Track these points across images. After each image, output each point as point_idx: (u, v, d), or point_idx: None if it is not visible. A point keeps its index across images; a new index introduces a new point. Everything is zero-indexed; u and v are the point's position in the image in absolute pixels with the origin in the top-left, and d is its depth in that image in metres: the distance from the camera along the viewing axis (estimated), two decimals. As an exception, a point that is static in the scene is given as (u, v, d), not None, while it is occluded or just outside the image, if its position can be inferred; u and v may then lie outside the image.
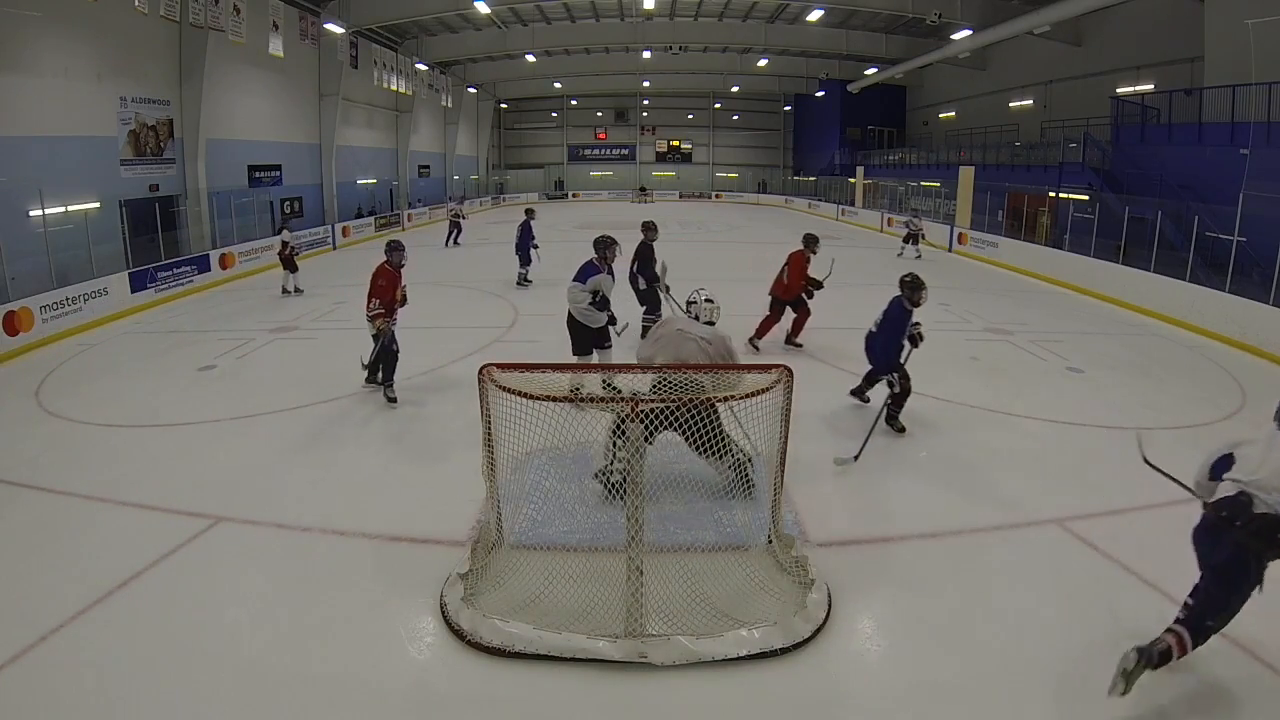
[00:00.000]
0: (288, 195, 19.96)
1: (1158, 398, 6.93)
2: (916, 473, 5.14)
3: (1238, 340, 9.02)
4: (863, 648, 3.33)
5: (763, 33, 26.34)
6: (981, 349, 8.65)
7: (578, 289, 6.23)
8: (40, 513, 4.56)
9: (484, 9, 20.42)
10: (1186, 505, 4.70)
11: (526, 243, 12.72)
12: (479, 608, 3.37)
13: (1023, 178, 18.69)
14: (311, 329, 9.60)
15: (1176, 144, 14.67)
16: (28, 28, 11.44)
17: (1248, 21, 12.63)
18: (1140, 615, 3.51)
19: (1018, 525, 4.38)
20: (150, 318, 10.79)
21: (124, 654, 3.20)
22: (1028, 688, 3.03)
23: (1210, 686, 3.05)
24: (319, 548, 4.11)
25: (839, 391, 6.58)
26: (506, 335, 9.19)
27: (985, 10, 19.66)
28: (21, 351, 8.61)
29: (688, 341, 4.46)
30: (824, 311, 8.79)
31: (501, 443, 3.57)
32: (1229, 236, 10.05)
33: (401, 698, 2.97)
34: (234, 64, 16.69)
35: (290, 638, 3.33)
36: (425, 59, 26.04)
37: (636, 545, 3.18)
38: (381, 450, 5.56)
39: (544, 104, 41.46)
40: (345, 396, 6.71)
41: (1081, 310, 11.36)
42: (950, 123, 28.57)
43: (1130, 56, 18.30)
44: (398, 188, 27.73)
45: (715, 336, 4.55)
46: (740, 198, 39.56)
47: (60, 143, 12.24)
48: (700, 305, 4.89)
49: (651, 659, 3.09)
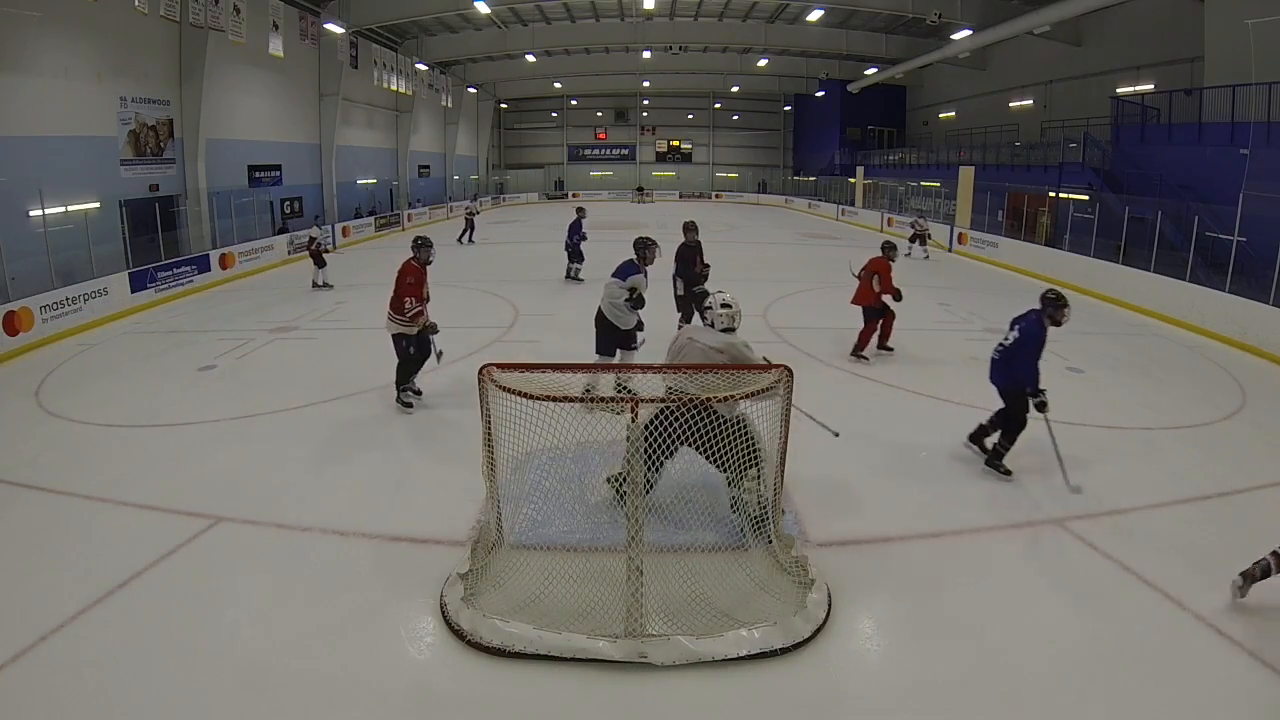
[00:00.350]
0: (288, 195, 19.96)
1: (1158, 398, 6.93)
2: (916, 473, 5.14)
3: (1238, 340, 9.02)
4: (863, 648, 3.33)
5: (763, 33, 26.34)
6: (981, 349, 8.57)
7: (616, 285, 6.13)
8: (40, 513, 4.56)
9: (484, 9, 20.42)
10: (1187, 505, 4.72)
11: (576, 239, 12.99)
12: (479, 608, 3.37)
13: (1023, 178, 18.69)
14: (311, 329, 9.60)
15: (1176, 144, 14.66)
16: (28, 28, 11.44)
17: (1248, 21, 12.62)
18: (1140, 615, 3.51)
19: (1018, 525, 4.39)
20: (150, 318, 10.79)
21: (124, 654, 3.20)
22: (1028, 688, 3.03)
23: (1211, 686, 3.05)
24: (319, 548, 4.11)
25: (840, 391, 6.58)
26: (506, 335, 9.19)
27: (985, 10, 19.66)
28: (21, 351, 8.61)
29: (694, 351, 4.22)
30: (827, 313, 8.78)
31: (501, 443, 3.57)
32: (1229, 236, 10.05)
33: (401, 698, 2.97)
34: (234, 64, 16.69)
35: (290, 638, 3.33)
36: (425, 59, 26.04)
37: (636, 545, 3.18)
38: (382, 450, 5.56)
39: (544, 104, 41.46)
40: (345, 396, 6.71)
41: (1081, 310, 11.24)
42: (950, 123, 28.57)
43: (1130, 56, 18.29)
44: (398, 188, 27.74)
45: (726, 345, 4.17)
46: (740, 198, 39.56)
47: (60, 143, 12.24)
48: (716, 312, 4.29)
49: (651, 659, 3.09)
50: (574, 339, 8.96)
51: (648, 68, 30.93)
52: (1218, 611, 3.47)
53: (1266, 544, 3.55)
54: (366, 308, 11.06)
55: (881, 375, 7.36)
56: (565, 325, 9.78)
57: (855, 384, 7.18)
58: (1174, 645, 3.29)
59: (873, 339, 7.99)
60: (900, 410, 6.46)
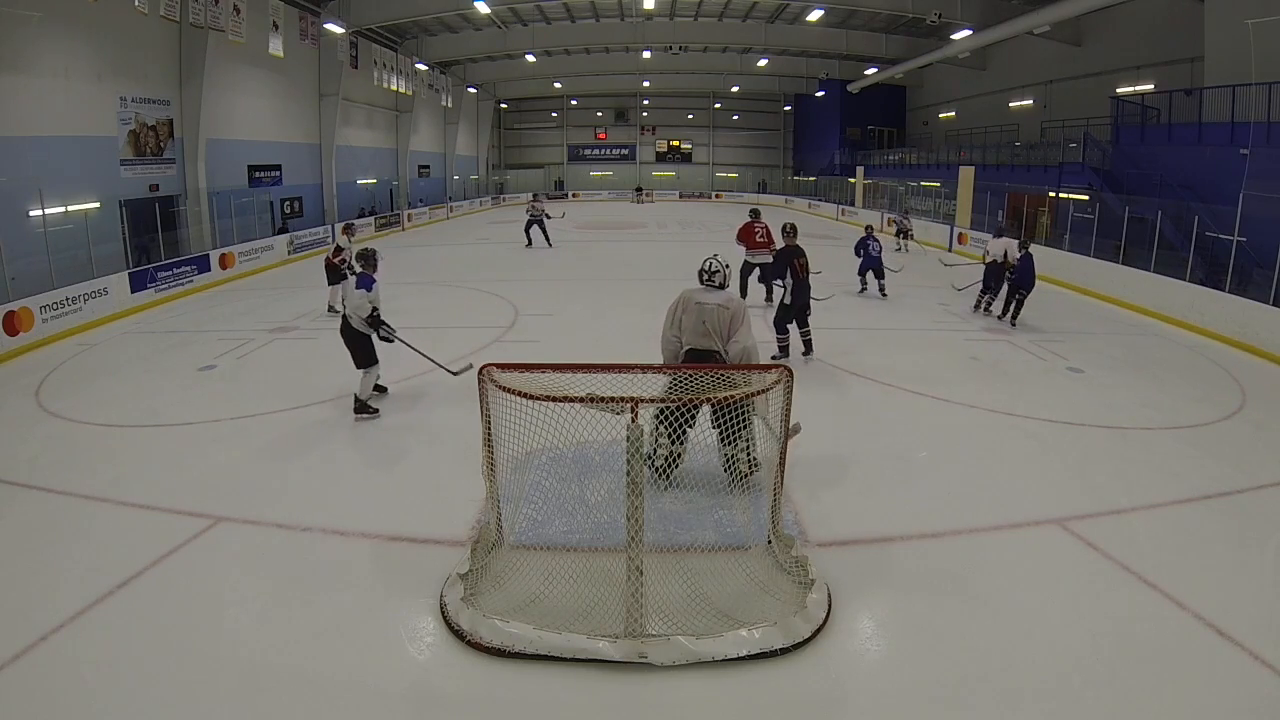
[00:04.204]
0: (288, 195, 19.96)
1: (1158, 398, 6.93)
2: (916, 473, 5.14)
3: (1238, 340, 9.02)
4: (863, 648, 3.33)
5: (763, 33, 26.33)
6: (981, 349, 8.65)
7: (361, 296, 6.06)
8: (40, 513, 4.56)
9: (484, 9, 20.42)
10: (1187, 505, 4.72)
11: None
12: (479, 608, 3.37)
13: (1023, 178, 18.69)
14: (311, 329, 9.59)
15: (1176, 144, 14.65)
16: (28, 28, 11.44)
17: (1248, 21, 12.62)
18: (1140, 615, 3.51)
19: (1018, 525, 4.38)
20: (150, 318, 10.78)
21: (124, 654, 3.20)
22: (1028, 688, 3.03)
23: (1211, 686, 3.04)
24: (319, 548, 4.11)
25: (840, 390, 6.58)
26: (506, 335, 9.18)
27: (985, 10, 19.65)
28: (21, 351, 8.61)
29: (707, 309, 4.65)
30: (827, 312, 8.78)
31: (501, 443, 3.57)
32: (1229, 236, 10.05)
33: (401, 698, 2.97)
34: (234, 64, 16.69)
35: (290, 638, 3.33)
36: (425, 59, 26.03)
37: (636, 545, 3.18)
38: (382, 450, 5.56)
39: (544, 104, 41.44)
40: (345, 396, 6.70)
41: (1081, 310, 11.36)
42: (950, 123, 28.56)
43: (1130, 56, 18.29)
44: (398, 188, 27.74)
45: (727, 299, 4.74)
46: (740, 198, 39.49)
47: (60, 143, 12.24)
48: (722, 273, 4.85)
49: (651, 659, 3.09)
50: (574, 339, 8.98)
51: (648, 68, 30.94)
52: (1218, 611, 3.47)
53: (1266, 544, 3.55)
54: (366, 308, 11.08)
55: (882, 375, 7.36)
56: (565, 325, 9.79)
57: (855, 384, 7.18)
58: (1174, 645, 3.29)
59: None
60: (900, 410, 6.46)
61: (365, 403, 6.14)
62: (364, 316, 6.02)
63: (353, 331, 6.10)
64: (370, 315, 6.04)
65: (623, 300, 11.45)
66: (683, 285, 5.02)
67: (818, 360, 7.90)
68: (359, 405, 6.13)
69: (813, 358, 7.89)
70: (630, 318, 9.56)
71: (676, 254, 15.32)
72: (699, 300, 4.72)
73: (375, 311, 6.08)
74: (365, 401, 6.15)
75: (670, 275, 8.20)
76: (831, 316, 9.32)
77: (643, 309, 6.10)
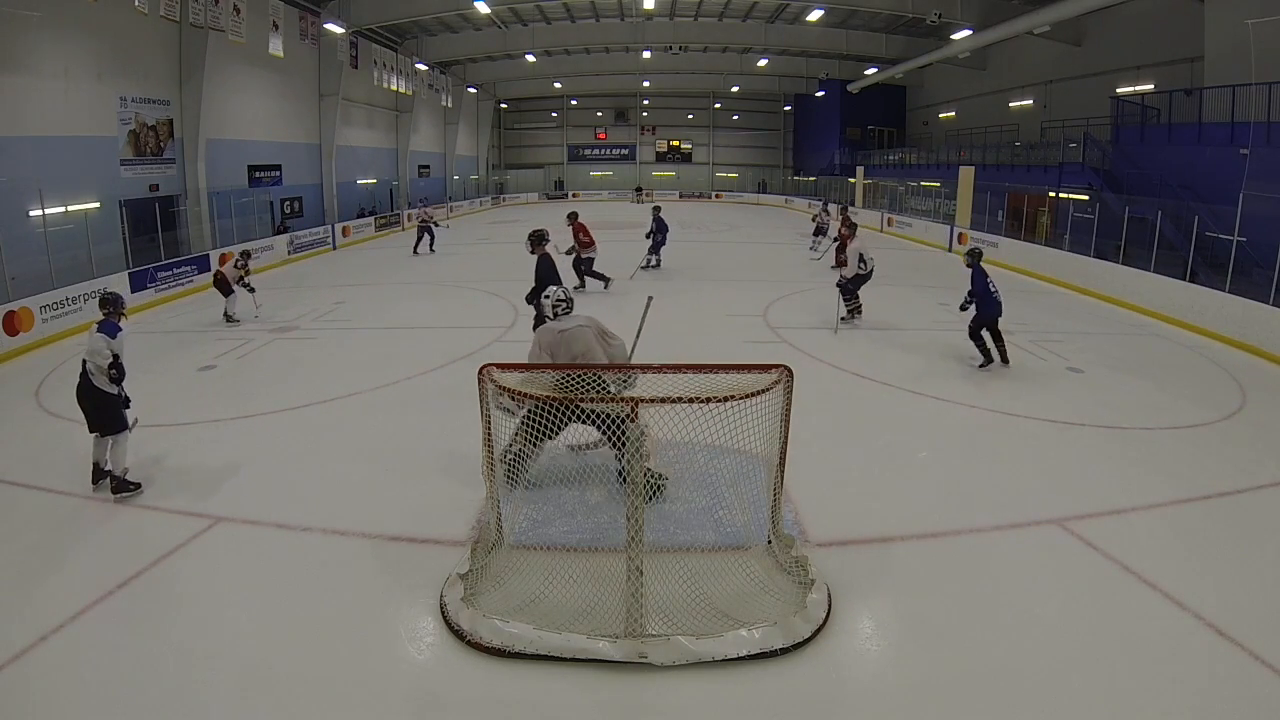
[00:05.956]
0: (288, 195, 19.99)
1: (1158, 398, 6.93)
2: (916, 473, 5.14)
3: (1238, 340, 9.01)
4: (863, 648, 3.33)
5: (763, 33, 26.34)
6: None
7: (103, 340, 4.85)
8: (40, 513, 4.56)
9: (484, 9, 20.42)
10: (1187, 505, 4.72)
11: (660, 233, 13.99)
12: (479, 608, 3.37)
13: (1023, 178, 18.69)
14: (311, 329, 9.59)
15: (1176, 144, 14.66)
16: (28, 28, 11.44)
17: (1248, 21, 12.62)
18: (1140, 615, 3.51)
19: (1018, 525, 4.38)
20: (150, 318, 10.78)
21: (124, 654, 3.20)
22: (1028, 688, 3.02)
23: (1211, 686, 3.04)
24: (319, 548, 4.11)
25: (840, 390, 6.58)
26: (506, 335, 9.18)
27: (985, 10, 19.66)
28: (21, 351, 8.61)
29: (574, 334, 4.50)
30: (826, 312, 8.78)
31: (501, 443, 3.57)
32: (1229, 236, 10.04)
33: (401, 698, 2.97)
34: (234, 64, 16.69)
35: (290, 638, 3.33)
36: (425, 59, 26.04)
37: (636, 545, 3.18)
38: (382, 450, 5.56)
39: (544, 104, 41.44)
40: (345, 396, 6.71)
41: (1081, 310, 11.35)
42: (950, 123, 28.55)
43: (1130, 56, 18.29)
44: (398, 187, 27.74)
45: (584, 317, 4.69)
46: (740, 198, 39.54)
47: (60, 143, 12.24)
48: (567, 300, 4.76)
49: (651, 659, 3.09)
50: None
51: (648, 68, 30.93)
52: (1218, 611, 3.47)
53: (1266, 544, 3.55)
54: (366, 308, 11.08)
55: (882, 375, 7.36)
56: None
57: (855, 384, 7.18)
58: (1174, 645, 3.29)
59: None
60: (900, 410, 6.46)
61: (124, 479, 4.77)
62: (104, 365, 4.74)
63: (93, 389, 4.79)
64: (111, 364, 4.76)
65: (622, 300, 11.42)
66: (682, 285, 5.02)
67: (818, 360, 7.90)
68: (117, 483, 4.74)
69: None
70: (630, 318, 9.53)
71: (676, 254, 15.30)
72: (561, 329, 4.56)
73: (117, 360, 4.80)
74: (124, 478, 4.78)
75: (670, 274, 8.19)
76: (830, 316, 9.32)
77: (642, 309, 6.10)
